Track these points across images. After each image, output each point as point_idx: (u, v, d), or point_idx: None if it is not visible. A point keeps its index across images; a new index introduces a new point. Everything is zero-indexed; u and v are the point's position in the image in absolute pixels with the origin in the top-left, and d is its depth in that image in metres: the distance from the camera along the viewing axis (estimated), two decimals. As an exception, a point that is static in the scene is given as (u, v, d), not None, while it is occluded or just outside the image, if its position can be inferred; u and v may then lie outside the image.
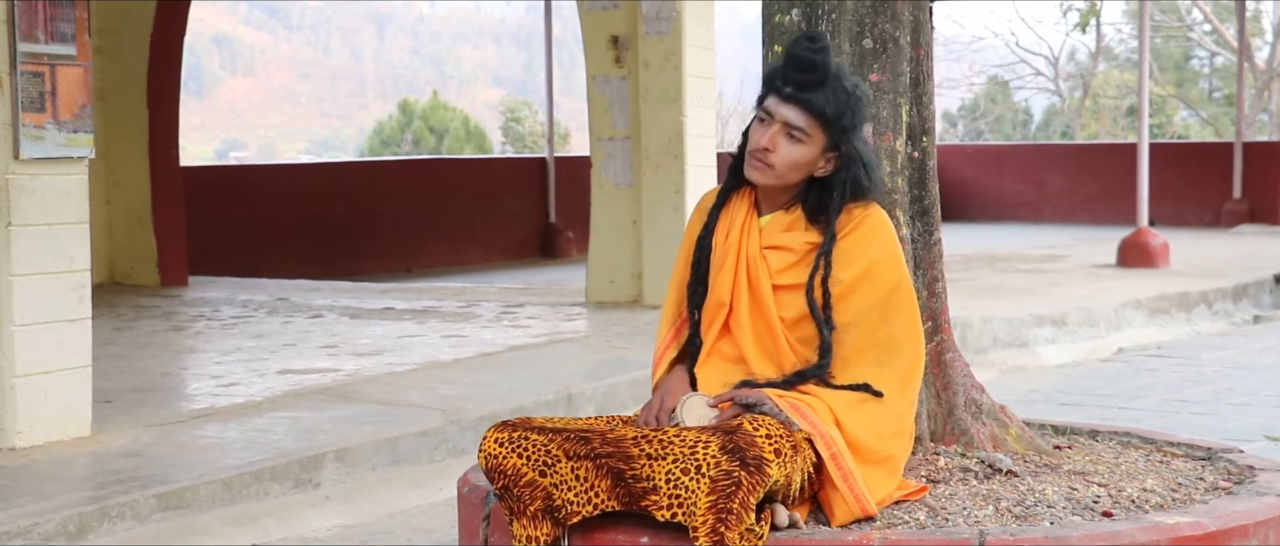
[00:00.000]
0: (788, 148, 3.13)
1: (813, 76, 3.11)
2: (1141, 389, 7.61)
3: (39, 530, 4.43)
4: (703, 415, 3.09)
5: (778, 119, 3.13)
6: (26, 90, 5.35)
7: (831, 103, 3.11)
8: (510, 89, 62.45)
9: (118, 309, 9.61)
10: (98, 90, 9.62)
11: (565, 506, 2.95)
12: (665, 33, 9.14)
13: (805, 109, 3.11)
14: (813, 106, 3.11)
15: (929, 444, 3.58)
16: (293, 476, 5.20)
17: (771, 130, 3.14)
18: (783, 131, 3.13)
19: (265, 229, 13.95)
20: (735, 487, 2.78)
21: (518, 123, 32.50)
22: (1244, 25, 18.42)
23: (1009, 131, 36.26)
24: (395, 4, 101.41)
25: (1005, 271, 11.56)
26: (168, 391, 6.76)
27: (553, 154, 16.31)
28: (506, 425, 3.05)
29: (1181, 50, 34.71)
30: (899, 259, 3.20)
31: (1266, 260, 12.22)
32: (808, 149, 3.14)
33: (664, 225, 9.12)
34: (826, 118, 3.11)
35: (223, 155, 65.46)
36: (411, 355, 7.48)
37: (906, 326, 3.17)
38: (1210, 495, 3.33)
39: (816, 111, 3.11)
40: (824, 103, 3.11)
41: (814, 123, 3.12)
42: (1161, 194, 15.24)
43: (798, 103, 3.12)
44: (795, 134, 3.12)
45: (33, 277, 5.39)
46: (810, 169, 3.17)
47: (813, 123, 3.12)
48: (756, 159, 3.15)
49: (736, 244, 3.23)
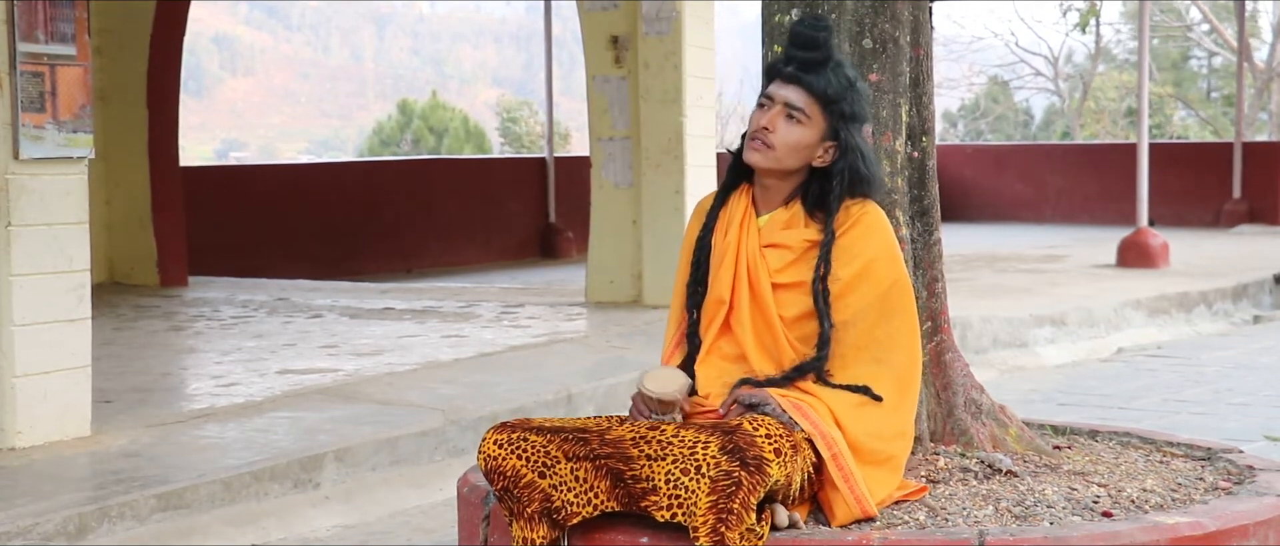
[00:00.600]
0: (787, 128, 3.15)
1: (815, 54, 3.14)
2: (1141, 389, 7.61)
3: (39, 530, 4.43)
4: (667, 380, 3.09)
5: (778, 101, 3.16)
6: (26, 90, 5.35)
7: (832, 83, 3.15)
8: (510, 89, 62.44)
9: (118, 309, 9.61)
10: (98, 90, 9.61)
11: (565, 507, 2.95)
12: (665, 33, 9.14)
13: (806, 89, 3.14)
14: (814, 88, 3.14)
15: (929, 444, 3.58)
16: (293, 476, 5.20)
17: (771, 112, 3.17)
18: (782, 113, 3.16)
19: (265, 229, 13.95)
20: (736, 487, 2.78)
21: (515, 123, 32.49)
22: (1243, 25, 18.43)
23: (1010, 131, 36.27)
24: (395, 4, 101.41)
25: (1005, 271, 11.56)
26: (168, 391, 6.76)
27: (552, 154, 16.31)
28: (505, 426, 3.05)
29: (1180, 50, 34.71)
30: (897, 257, 3.20)
31: (1266, 260, 12.22)
32: (807, 131, 3.16)
33: (664, 225, 9.12)
34: (827, 98, 3.14)
35: (223, 155, 65.46)
36: (411, 355, 7.47)
37: (904, 324, 3.18)
38: (1210, 495, 3.33)
39: (818, 92, 3.14)
40: (825, 84, 3.14)
41: (814, 103, 3.14)
42: (1161, 194, 15.24)
43: (798, 82, 3.15)
44: (795, 114, 3.15)
45: (33, 277, 5.39)
46: (809, 156, 3.18)
47: (812, 103, 3.14)
48: (756, 139, 3.18)
49: (735, 241, 3.23)
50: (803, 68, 3.15)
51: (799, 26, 3.17)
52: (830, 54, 3.16)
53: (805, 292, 3.15)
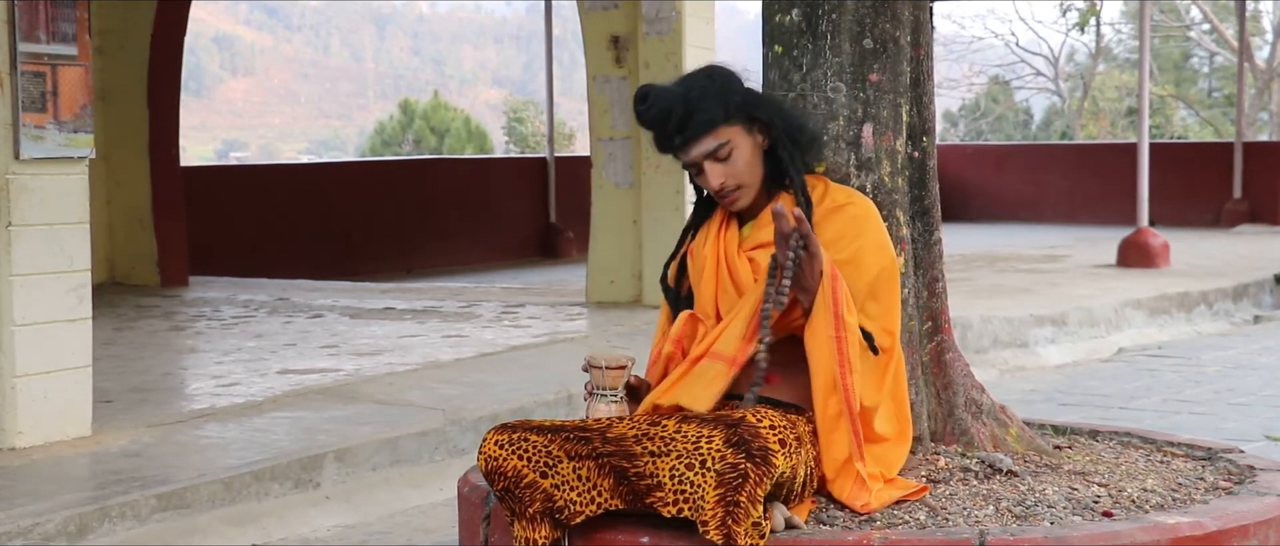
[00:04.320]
0: (728, 167, 3.19)
1: (671, 121, 3.17)
2: (1141, 389, 7.61)
3: (39, 530, 4.43)
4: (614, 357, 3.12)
5: (700, 160, 3.19)
6: (27, 90, 5.35)
7: (703, 109, 3.17)
8: (510, 89, 62.48)
9: (118, 309, 9.61)
10: (98, 90, 9.62)
11: (568, 506, 2.95)
12: (665, 33, 9.14)
13: (698, 136, 3.18)
14: (703, 128, 3.17)
15: (929, 444, 3.57)
16: (293, 476, 5.20)
17: (708, 171, 3.19)
18: (713, 163, 3.19)
19: (265, 229, 13.95)
20: (742, 480, 2.78)
21: (521, 123, 32.51)
22: (1244, 25, 18.42)
23: (1011, 131, 36.27)
24: (395, 4, 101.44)
25: (1005, 271, 11.56)
26: (168, 391, 6.76)
27: (553, 154, 16.31)
28: (506, 427, 3.05)
29: (1181, 50, 34.72)
30: (885, 247, 3.22)
31: (1266, 260, 12.22)
32: (738, 148, 3.19)
33: (664, 225, 9.12)
34: (715, 120, 3.17)
35: (223, 155, 65.51)
36: (412, 355, 7.48)
37: (886, 308, 3.18)
38: (1210, 495, 3.33)
39: (707, 126, 3.17)
40: (703, 116, 3.16)
41: (715, 132, 3.18)
42: (1161, 194, 15.23)
43: (690, 141, 3.18)
44: (719, 153, 3.19)
45: (33, 277, 5.39)
46: (759, 157, 3.22)
47: (715, 134, 3.18)
48: (724, 197, 3.22)
49: (715, 250, 3.27)
50: (679, 130, 3.18)
51: (642, 120, 3.20)
52: (677, 103, 3.17)
53: None
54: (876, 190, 3.44)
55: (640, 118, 3.22)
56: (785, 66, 3.51)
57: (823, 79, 3.46)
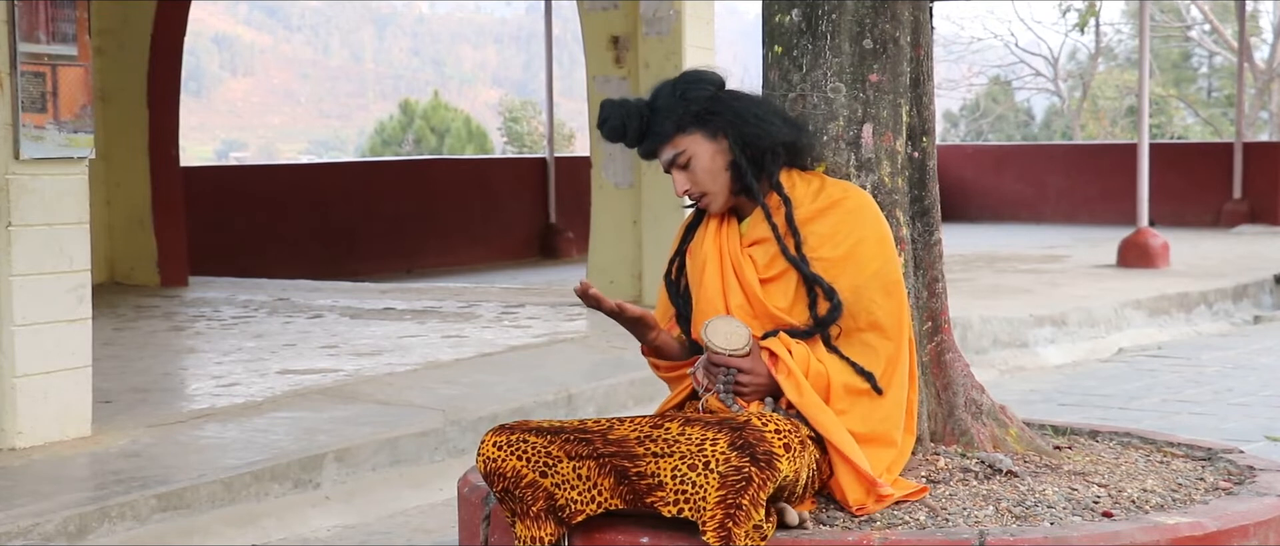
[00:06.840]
0: (689, 173, 3.24)
1: (628, 135, 3.24)
2: (1141, 389, 7.61)
3: (39, 530, 4.43)
4: (731, 332, 3.11)
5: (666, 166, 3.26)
6: (27, 90, 5.35)
7: (657, 120, 3.22)
8: (510, 89, 62.46)
9: (118, 309, 9.61)
10: (98, 90, 9.62)
11: (568, 506, 2.95)
12: (665, 34, 9.14)
13: (655, 147, 3.24)
14: (656, 141, 3.23)
15: (929, 444, 3.58)
16: (293, 476, 5.20)
17: (675, 178, 3.26)
18: (676, 171, 3.25)
19: (265, 229, 13.95)
20: (746, 483, 2.78)
21: (517, 123, 32.51)
22: (1244, 25, 18.41)
23: (1011, 132, 36.28)
24: (395, 4, 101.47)
25: (1005, 272, 11.56)
26: (168, 391, 6.76)
27: (553, 154, 16.31)
28: (504, 429, 3.05)
29: (1181, 50, 34.72)
30: (886, 240, 3.22)
31: (1266, 260, 12.22)
32: (697, 156, 3.22)
33: (664, 225, 9.12)
34: (667, 132, 3.22)
35: (223, 155, 65.51)
36: (411, 355, 7.48)
37: (890, 308, 3.18)
38: (1210, 495, 3.33)
39: (659, 139, 3.22)
40: (656, 130, 3.22)
41: (672, 143, 3.22)
42: (1161, 194, 15.23)
43: (649, 152, 3.26)
44: (678, 161, 3.23)
45: (33, 277, 5.39)
46: (723, 166, 3.23)
47: (671, 144, 3.22)
48: (694, 202, 3.29)
49: (717, 247, 3.28)
50: (638, 143, 3.24)
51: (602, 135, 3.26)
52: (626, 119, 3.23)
53: (791, 276, 3.17)
54: (876, 190, 3.45)
55: (602, 135, 3.28)
56: (785, 67, 3.51)
57: (823, 79, 3.46)
